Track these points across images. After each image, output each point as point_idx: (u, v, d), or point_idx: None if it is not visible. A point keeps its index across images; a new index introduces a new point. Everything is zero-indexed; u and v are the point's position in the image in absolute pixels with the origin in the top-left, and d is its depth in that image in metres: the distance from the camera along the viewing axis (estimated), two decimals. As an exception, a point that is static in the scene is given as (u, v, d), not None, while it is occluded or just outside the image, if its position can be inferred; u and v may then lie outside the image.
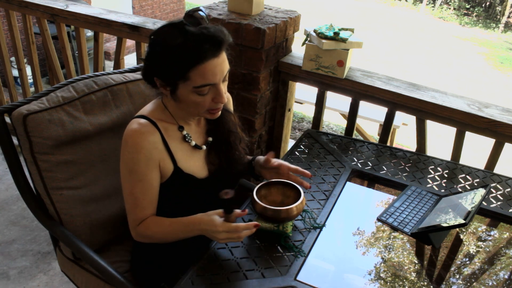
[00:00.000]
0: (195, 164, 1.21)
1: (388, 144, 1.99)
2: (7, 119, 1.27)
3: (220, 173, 1.26)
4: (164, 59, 1.03)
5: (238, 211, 1.08)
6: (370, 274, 1.16)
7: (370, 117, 4.25)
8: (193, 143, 1.20)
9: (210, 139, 1.26)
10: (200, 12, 1.05)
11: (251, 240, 1.20)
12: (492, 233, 1.38)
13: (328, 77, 1.84)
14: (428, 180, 1.53)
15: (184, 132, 1.18)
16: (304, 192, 1.25)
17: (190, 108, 1.11)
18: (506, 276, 1.19)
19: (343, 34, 1.77)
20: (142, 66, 1.12)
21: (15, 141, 1.30)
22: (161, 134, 1.13)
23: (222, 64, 1.06)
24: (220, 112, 1.15)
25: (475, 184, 1.52)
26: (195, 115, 1.17)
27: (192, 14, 1.04)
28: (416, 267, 1.19)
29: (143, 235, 1.17)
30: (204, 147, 1.23)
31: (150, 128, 1.10)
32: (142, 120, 1.11)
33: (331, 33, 1.76)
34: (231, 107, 1.35)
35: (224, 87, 1.10)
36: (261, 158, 1.32)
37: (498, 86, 9.05)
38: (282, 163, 1.26)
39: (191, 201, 1.22)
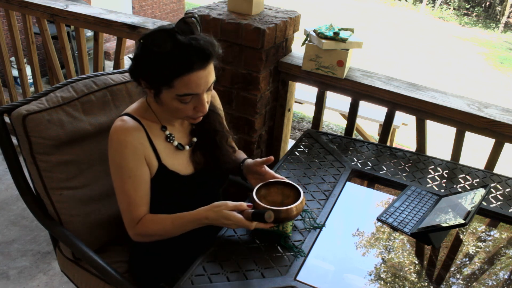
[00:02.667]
0: (179, 162, 1.22)
1: (388, 144, 1.99)
2: (7, 119, 1.27)
3: (206, 171, 1.26)
4: (150, 64, 1.04)
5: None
6: (370, 274, 1.16)
7: (370, 117, 4.25)
8: (176, 143, 1.21)
9: (195, 139, 1.27)
10: (193, 19, 1.05)
11: (251, 240, 1.19)
12: (492, 233, 1.38)
13: (328, 77, 1.84)
14: (428, 180, 1.53)
15: (167, 132, 1.20)
16: (304, 192, 1.25)
17: (172, 113, 1.13)
18: (506, 276, 1.19)
19: (343, 34, 1.77)
20: (130, 64, 1.12)
21: (14, 141, 1.30)
22: (146, 131, 1.14)
23: (208, 76, 1.06)
24: (201, 118, 1.16)
25: (475, 184, 1.52)
26: (177, 118, 1.19)
27: (185, 21, 1.04)
28: (416, 267, 1.19)
29: (142, 235, 1.16)
30: (187, 147, 1.24)
31: (134, 124, 1.12)
32: (126, 117, 1.14)
33: (331, 33, 1.76)
34: (218, 104, 1.36)
35: (207, 96, 1.11)
36: (250, 160, 1.32)
37: (498, 86, 9.05)
38: (268, 172, 1.26)
39: (176, 198, 1.23)
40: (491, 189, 1.50)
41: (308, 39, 1.85)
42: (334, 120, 5.43)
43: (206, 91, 1.09)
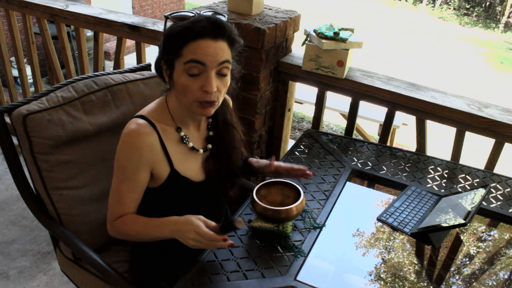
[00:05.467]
0: (191, 168, 1.20)
1: (388, 144, 1.99)
2: (7, 119, 1.27)
3: (216, 179, 1.25)
4: (169, 36, 1.07)
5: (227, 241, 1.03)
6: (370, 274, 1.16)
7: (370, 117, 4.25)
8: (191, 144, 1.19)
9: (210, 146, 1.24)
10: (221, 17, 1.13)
11: (251, 240, 1.20)
12: (492, 233, 1.38)
13: (328, 77, 1.84)
14: (428, 180, 1.53)
15: (182, 133, 1.17)
16: (304, 192, 1.25)
17: (181, 96, 1.09)
18: (506, 276, 1.19)
19: (343, 34, 1.77)
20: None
21: (15, 141, 1.30)
22: (159, 135, 1.12)
23: (218, 49, 1.04)
24: (213, 110, 1.11)
25: (475, 184, 1.52)
26: (187, 106, 1.12)
27: (218, 14, 1.13)
28: (416, 267, 1.19)
29: (118, 231, 1.15)
30: (201, 151, 1.22)
31: (148, 129, 1.10)
32: (141, 121, 1.11)
33: (331, 33, 1.76)
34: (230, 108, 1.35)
35: (221, 83, 1.08)
36: (254, 161, 1.34)
37: (498, 86, 9.05)
38: (280, 166, 1.28)
39: (185, 204, 1.22)
40: (491, 189, 1.50)
41: (308, 39, 1.85)
42: (334, 120, 5.43)
43: (216, 70, 1.05)
